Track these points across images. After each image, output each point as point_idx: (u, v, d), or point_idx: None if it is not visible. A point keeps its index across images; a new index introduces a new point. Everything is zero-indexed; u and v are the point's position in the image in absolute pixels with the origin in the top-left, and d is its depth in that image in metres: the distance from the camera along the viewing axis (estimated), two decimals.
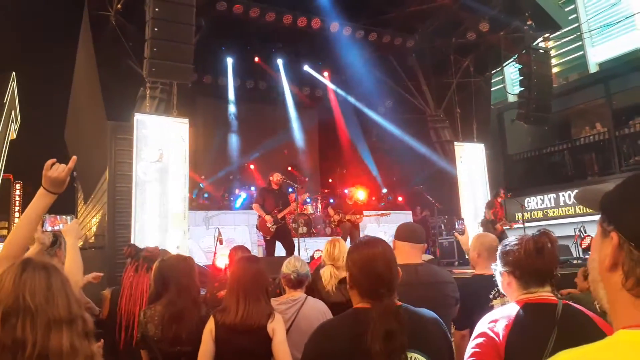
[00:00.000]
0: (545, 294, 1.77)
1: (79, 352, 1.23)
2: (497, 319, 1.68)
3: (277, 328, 2.62)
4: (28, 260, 1.31)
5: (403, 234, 2.73)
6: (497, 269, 1.91)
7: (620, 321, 0.78)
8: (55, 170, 1.89)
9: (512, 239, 1.89)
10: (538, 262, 1.77)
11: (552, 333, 1.59)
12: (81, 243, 14.08)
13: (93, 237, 12.00)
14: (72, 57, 13.93)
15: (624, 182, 0.84)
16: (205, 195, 12.34)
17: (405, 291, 2.31)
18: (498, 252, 1.92)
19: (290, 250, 7.82)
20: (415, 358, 1.58)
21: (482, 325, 1.71)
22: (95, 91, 9.95)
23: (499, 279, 1.91)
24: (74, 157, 2.01)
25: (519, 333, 1.62)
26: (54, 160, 1.92)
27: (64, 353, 1.19)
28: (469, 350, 1.67)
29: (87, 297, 3.56)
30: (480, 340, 1.66)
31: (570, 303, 1.73)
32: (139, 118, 8.06)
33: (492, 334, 1.64)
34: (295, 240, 8.14)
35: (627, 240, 0.78)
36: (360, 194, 10.81)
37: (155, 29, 7.70)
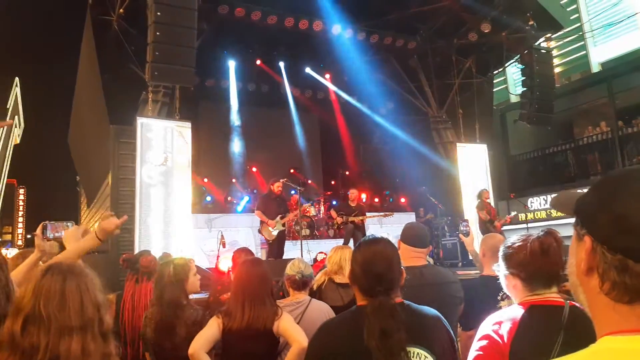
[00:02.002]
0: (551, 295, 1.73)
1: (92, 353, 1.31)
2: (502, 321, 1.64)
3: (282, 322, 2.62)
4: (50, 267, 1.39)
5: (408, 237, 2.72)
6: (500, 270, 1.86)
7: (603, 327, 0.77)
8: (108, 222, 2.25)
9: (514, 239, 1.83)
10: (544, 263, 1.72)
11: (558, 337, 1.55)
12: None
13: None
14: (75, 62, 13.98)
15: (595, 184, 0.83)
16: (208, 198, 12.35)
17: (411, 293, 2.32)
18: (500, 254, 1.86)
19: (279, 256, 7.91)
20: (417, 354, 1.59)
21: (486, 327, 1.66)
22: (98, 95, 9.98)
23: (503, 281, 1.85)
24: (125, 217, 2.40)
25: (524, 336, 1.57)
26: (112, 213, 2.34)
27: (71, 356, 1.28)
28: (472, 352, 1.63)
29: None
30: (483, 342, 1.62)
31: (577, 305, 1.65)
32: (141, 122, 8.07)
33: (496, 337, 1.60)
34: (298, 243, 8.16)
35: (599, 244, 0.77)
36: (362, 196, 10.80)
37: (158, 33, 7.71)
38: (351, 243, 8.61)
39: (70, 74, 15.18)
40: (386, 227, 11.22)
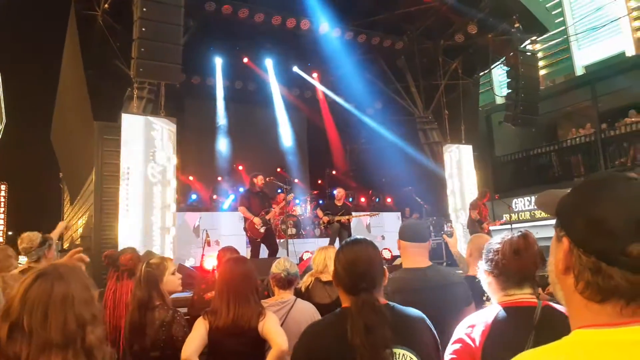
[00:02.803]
0: (524, 296, 1.75)
1: None
2: (474, 324, 1.66)
3: (266, 323, 2.61)
4: (41, 273, 1.36)
5: (406, 233, 2.64)
6: (481, 266, 1.89)
7: (576, 321, 0.83)
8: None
9: (497, 238, 1.88)
10: (515, 263, 1.76)
11: (530, 337, 1.57)
12: (67, 245, 13.93)
13: (79, 239, 11.88)
14: (59, 57, 13.78)
15: (575, 187, 0.89)
16: (194, 196, 12.27)
17: (417, 296, 2.31)
18: (483, 251, 1.90)
19: (273, 253, 7.80)
20: (402, 354, 1.60)
21: (460, 330, 1.68)
22: (81, 91, 9.86)
23: (482, 277, 1.88)
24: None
25: (495, 339, 1.59)
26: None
27: None
28: (447, 356, 1.65)
29: None
30: (457, 346, 1.64)
31: (551, 304, 1.70)
32: (126, 118, 7.98)
33: (468, 340, 1.62)
34: (284, 242, 8.12)
35: (575, 246, 0.82)
36: (348, 195, 10.82)
37: (143, 29, 7.63)
38: (337, 242, 8.61)
39: (54, 69, 14.98)
40: (374, 229, 11.26)
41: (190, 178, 12.90)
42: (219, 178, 13.26)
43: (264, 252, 7.93)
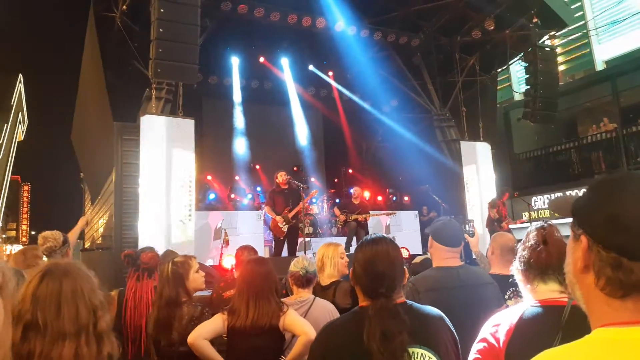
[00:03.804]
0: (551, 293, 1.70)
1: (85, 357, 1.34)
2: (500, 324, 1.61)
3: (287, 317, 2.64)
4: (47, 271, 1.40)
5: (442, 236, 2.63)
6: (514, 267, 1.85)
7: (597, 319, 0.83)
8: None
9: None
10: (536, 254, 1.73)
11: (557, 337, 1.51)
12: (89, 244, 14.16)
13: (100, 238, 12.06)
14: (78, 59, 13.97)
15: (590, 186, 0.90)
16: (212, 196, 12.36)
17: (449, 295, 2.32)
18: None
19: (292, 251, 7.86)
20: (421, 354, 1.59)
21: (485, 329, 1.64)
22: (101, 92, 9.99)
23: (517, 278, 1.84)
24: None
25: (520, 339, 1.54)
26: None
27: None
28: (471, 355, 1.61)
29: None
30: (480, 346, 1.60)
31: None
32: (145, 119, 8.08)
33: (492, 340, 1.57)
34: (301, 241, 8.16)
35: (595, 243, 0.82)
36: (365, 193, 10.80)
37: (161, 30, 7.71)
38: (354, 241, 8.61)
39: (74, 70, 15.19)
40: (392, 227, 11.20)
41: (209, 177, 13.00)
42: (237, 177, 13.35)
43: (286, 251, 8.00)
